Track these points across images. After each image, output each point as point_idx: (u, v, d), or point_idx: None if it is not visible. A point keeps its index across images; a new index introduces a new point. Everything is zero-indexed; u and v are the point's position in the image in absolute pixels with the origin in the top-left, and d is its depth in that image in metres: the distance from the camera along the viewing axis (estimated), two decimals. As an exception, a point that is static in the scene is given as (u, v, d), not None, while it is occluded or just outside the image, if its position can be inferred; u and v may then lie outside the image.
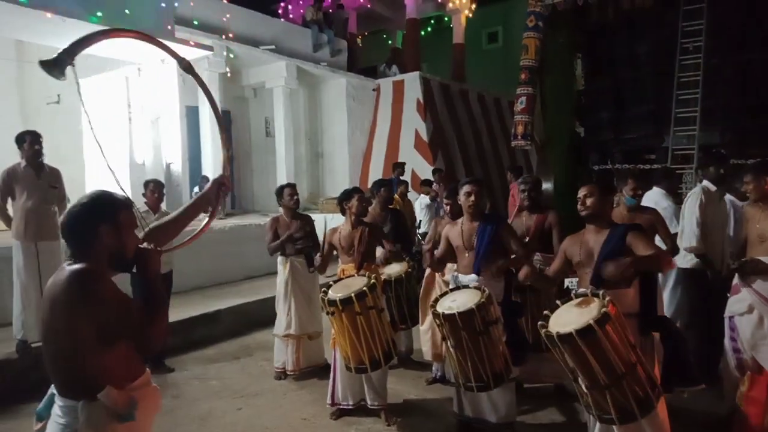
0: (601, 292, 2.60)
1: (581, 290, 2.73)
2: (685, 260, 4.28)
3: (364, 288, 3.48)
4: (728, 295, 3.60)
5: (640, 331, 2.81)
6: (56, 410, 1.71)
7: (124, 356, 1.76)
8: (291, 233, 4.69)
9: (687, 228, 4.15)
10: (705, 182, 4.28)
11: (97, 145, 2.28)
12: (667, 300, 4.51)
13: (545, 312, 2.68)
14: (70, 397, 1.68)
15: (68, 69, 1.87)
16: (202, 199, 2.19)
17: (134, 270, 1.82)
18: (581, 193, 2.93)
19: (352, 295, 3.44)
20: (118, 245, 1.74)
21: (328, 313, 3.60)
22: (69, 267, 1.68)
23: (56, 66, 1.84)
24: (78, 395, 1.67)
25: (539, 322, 2.62)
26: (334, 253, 4.27)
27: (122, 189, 1.95)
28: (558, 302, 2.72)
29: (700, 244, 4.07)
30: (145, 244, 1.84)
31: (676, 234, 4.18)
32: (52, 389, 1.78)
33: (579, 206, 2.94)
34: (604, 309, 2.45)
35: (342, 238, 4.13)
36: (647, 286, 2.92)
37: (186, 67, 2.16)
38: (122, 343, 1.74)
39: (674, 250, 4.00)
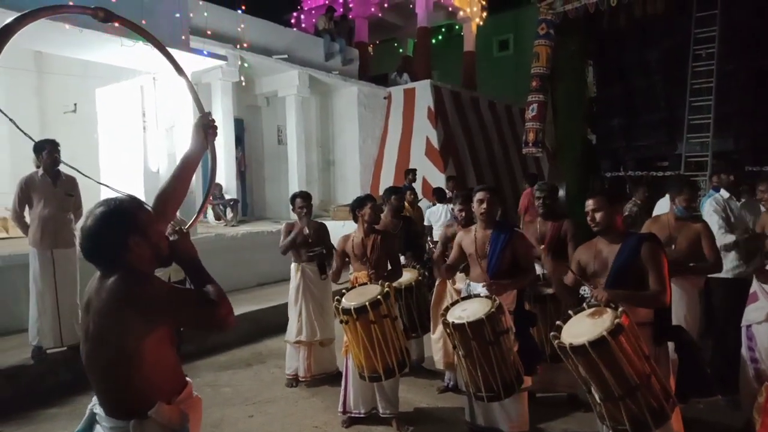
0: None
1: (594, 300, 2.71)
2: None
3: (378, 296, 3.48)
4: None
5: (654, 340, 2.78)
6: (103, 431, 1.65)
7: (172, 367, 1.72)
8: (302, 232, 4.71)
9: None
10: (722, 191, 4.26)
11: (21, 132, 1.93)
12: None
13: (557, 322, 2.66)
14: (120, 417, 1.61)
15: None
16: (193, 149, 2.02)
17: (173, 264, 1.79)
18: (588, 207, 2.90)
19: (367, 303, 3.44)
20: (151, 247, 1.68)
21: (341, 322, 3.61)
22: (111, 277, 1.60)
23: None
24: (129, 414, 1.60)
25: (552, 333, 2.61)
26: (347, 260, 4.29)
27: (116, 190, 1.86)
28: (570, 312, 2.71)
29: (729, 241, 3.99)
30: (169, 231, 1.80)
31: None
32: (93, 408, 1.71)
33: (589, 221, 2.92)
34: (617, 320, 2.43)
35: (355, 246, 4.14)
36: None
37: (103, 17, 1.88)
38: (173, 351, 1.71)
39: (717, 264, 3.68)
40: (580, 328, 2.54)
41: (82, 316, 1.69)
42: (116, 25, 1.98)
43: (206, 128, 2.00)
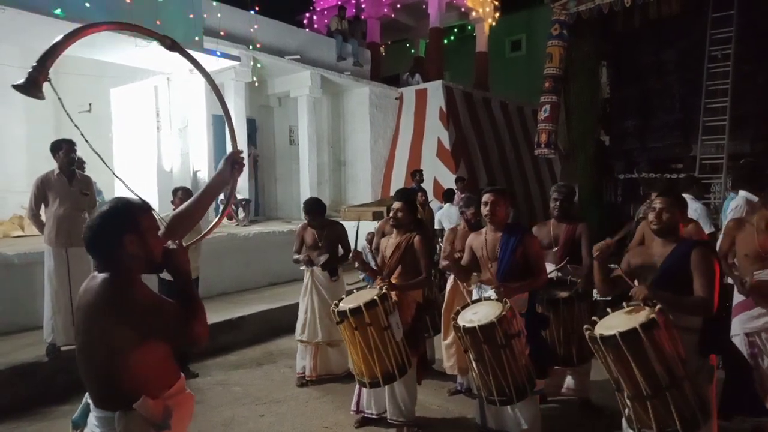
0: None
1: (634, 301, 2.65)
2: None
3: (361, 304, 3.37)
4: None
5: (698, 350, 2.64)
6: (93, 420, 1.72)
7: (161, 364, 1.76)
8: (310, 257, 4.72)
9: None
10: (747, 193, 4.19)
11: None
12: None
13: (593, 318, 2.64)
14: (106, 408, 1.68)
15: (46, 85, 1.81)
16: (218, 180, 2.13)
17: (164, 271, 1.82)
18: (657, 204, 2.77)
19: (347, 309, 3.39)
20: (145, 250, 1.73)
21: (337, 323, 3.56)
22: (100, 276, 1.68)
23: (31, 86, 1.76)
24: (114, 406, 1.67)
25: (585, 326, 2.58)
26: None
27: (135, 194, 1.94)
28: (608, 309, 2.67)
29: None
30: (169, 243, 1.84)
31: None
32: (87, 398, 1.78)
33: (652, 217, 2.79)
34: (652, 315, 2.41)
35: (387, 247, 4.03)
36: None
37: (170, 45, 2.06)
38: (161, 347, 1.75)
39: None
40: (614, 322, 2.51)
41: (75, 312, 1.77)
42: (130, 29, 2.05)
43: (234, 163, 2.13)
